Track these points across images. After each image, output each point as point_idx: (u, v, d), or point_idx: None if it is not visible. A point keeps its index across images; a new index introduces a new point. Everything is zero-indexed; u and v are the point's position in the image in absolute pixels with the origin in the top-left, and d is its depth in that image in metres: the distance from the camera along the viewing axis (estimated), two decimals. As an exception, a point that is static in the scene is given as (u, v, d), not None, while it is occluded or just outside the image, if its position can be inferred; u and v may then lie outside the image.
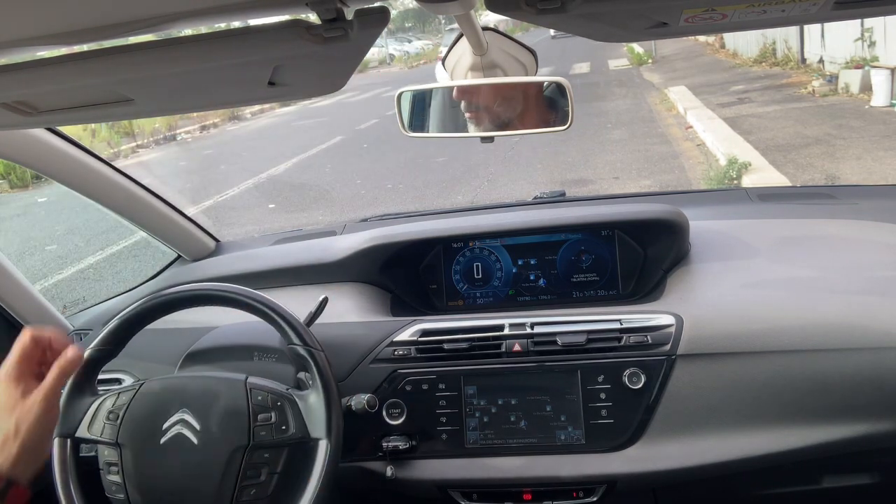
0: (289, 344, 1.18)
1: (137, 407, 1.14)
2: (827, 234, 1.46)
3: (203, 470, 1.10)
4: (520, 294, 1.51)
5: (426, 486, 1.33)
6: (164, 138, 13.59)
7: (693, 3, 0.56)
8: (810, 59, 11.40)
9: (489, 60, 1.03)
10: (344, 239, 1.58)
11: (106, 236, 6.42)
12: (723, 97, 10.12)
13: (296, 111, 16.22)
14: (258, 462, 1.11)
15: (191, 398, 1.15)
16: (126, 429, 1.13)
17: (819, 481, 1.33)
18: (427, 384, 1.34)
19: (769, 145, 7.08)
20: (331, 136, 10.98)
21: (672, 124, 9.03)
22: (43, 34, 0.58)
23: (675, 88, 11.22)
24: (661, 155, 7.46)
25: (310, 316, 1.31)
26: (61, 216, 7.63)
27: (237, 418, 1.12)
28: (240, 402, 1.13)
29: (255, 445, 1.11)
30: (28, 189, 9.44)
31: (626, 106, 10.84)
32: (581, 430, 1.29)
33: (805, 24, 0.60)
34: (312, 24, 0.58)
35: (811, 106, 8.78)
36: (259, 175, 8.78)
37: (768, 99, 9.71)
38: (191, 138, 14.11)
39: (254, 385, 1.15)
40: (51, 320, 1.63)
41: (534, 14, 0.55)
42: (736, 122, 8.19)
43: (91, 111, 0.77)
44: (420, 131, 1.19)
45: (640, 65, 15.78)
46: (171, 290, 1.23)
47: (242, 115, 16.23)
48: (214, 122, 15.32)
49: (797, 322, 1.24)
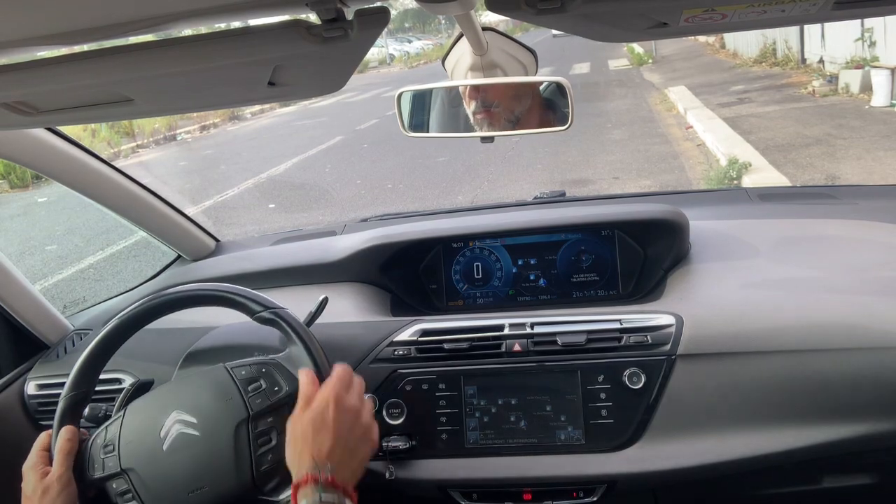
0: (253, 316, 1.20)
1: (129, 429, 1.14)
2: (827, 234, 1.46)
3: (214, 455, 1.10)
4: (520, 294, 1.51)
5: (426, 486, 1.33)
6: (164, 138, 13.59)
7: (693, 3, 0.56)
8: (810, 59, 11.40)
9: (489, 60, 1.03)
10: (344, 239, 1.58)
11: (106, 236, 6.42)
12: (723, 97, 10.14)
13: (296, 111, 16.22)
14: (265, 429, 1.12)
15: (178, 399, 1.15)
16: (126, 453, 1.12)
17: (819, 481, 1.33)
18: (427, 384, 1.34)
19: (769, 145, 7.10)
20: (331, 136, 10.99)
21: (672, 124, 9.07)
22: (43, 34, 0.58)
23: (675, 88, 11.26)
24: (661, 155, 7.48)
25: (310, 316, 1.31)
26: (61, 216, 7.63)
27: (229, 396, 1.13)
28: (226, 384, 1.15)
29: (256, 414, 1.12)
30: (28, 189, 9.45)
31: (627, 106, 10.86)
32: (581, 430, 1.29)
33: (805, 24, 0.60)
34: (312, 25, 0.58)
35: (811, 106, 8.80)
36: (259, 175, 8.78)
37: (768, 99, 9.73)
38: (191, 138, 14.12)
39: (234, 365, 1.17)
40: (51, 320, 1.63)
41: (533, 14, 0.55)
42: (736, 122, 8.20)
43: (91, 111, 0.77)
44: (420, 131, 1.19)
45: (641, 65, 15.78)
46: (121, 314, 1.23)
47: (242, 115, 16.25)
48: (214, 122, 15.32)
49: (797, 322, 1.24)
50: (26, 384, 1.55)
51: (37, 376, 1.55)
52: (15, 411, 1.53)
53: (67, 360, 1.55)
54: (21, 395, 1.54)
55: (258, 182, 8.45)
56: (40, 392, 1.53)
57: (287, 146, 10.82)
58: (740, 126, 7.98)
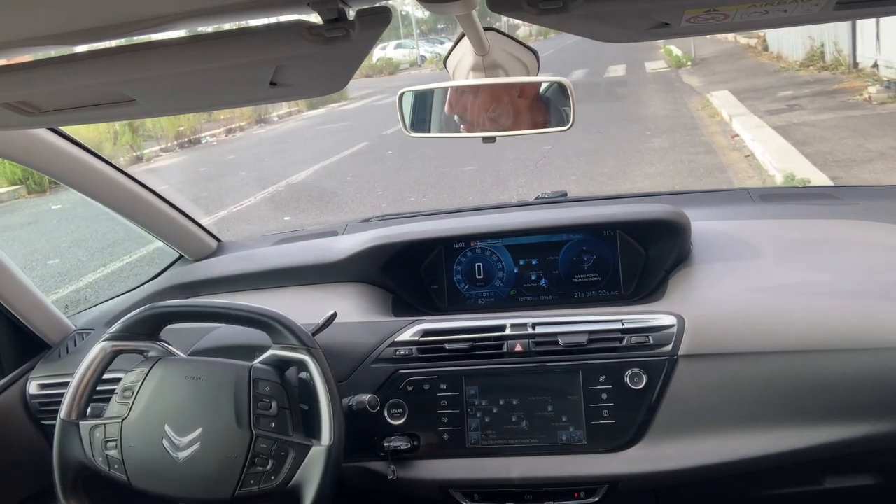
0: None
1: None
2: (828, 235, 1.46)
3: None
4: (521, 294, 1.50)
5: (428, 486, 1.33)
6: (188, 141, 13.25)
7: (695, 3, 0.56)
8: (863, 62, 10.40)
9: (491, 61, 1.03)
10: (345, 239, 1.58)
11: (111, 250, 6.18)
12: (770, 103, 9.23)
13: (323, 114, 15.81)
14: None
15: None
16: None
17: (821, 482, 1.33)
18: (428, 384, 1.34)
19: (828, 160, 6.21)
20: (355, 141, 10.57)
21: (716, 132, 8.29)
22: (45, 34, 0.58)
23: (718, 93, 10.42)
24: (706, 167, 6.77)
25: (316, 328, 1.31)
26: (70, 226, 7.37)
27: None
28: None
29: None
30: (45, 194, 9.18)
31: (666, 111, 10.05)
32: (582, 430, 1.29)
33: (807, 24, 0.60)
34: (314, 25, 0.58)
35: (869, 114, 7.76)
36: (278, 184, 8.43)
37: (820, 106, 8.67)
38: (216, 141, 13.62)
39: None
40: (53, 320, 1.64)
41: (535, 14, 0.55)
42: (788, 132, 7.37)
43: (93, 111, 0.78)
44: (421, 131, 1.19)
45: (679, 67, 14.96)
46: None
47: (269, 117, 15.82)
48: (241, 125, 14.90)
49: (799, 322, 1.23)
50: (28, 384, 1.55)
51: (39, 376, 1.55)
52: (17, 411, 1.53)
53: (69, 360, 1.55)
54: (23, 395, 1.55)
55: (276, 191, 8.11)
56: (42, 392, 1.53)
57: (310, 152, 10.47)
58: (793, 136, 7.17)
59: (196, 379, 1.18)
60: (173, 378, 1.20)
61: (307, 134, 13.14)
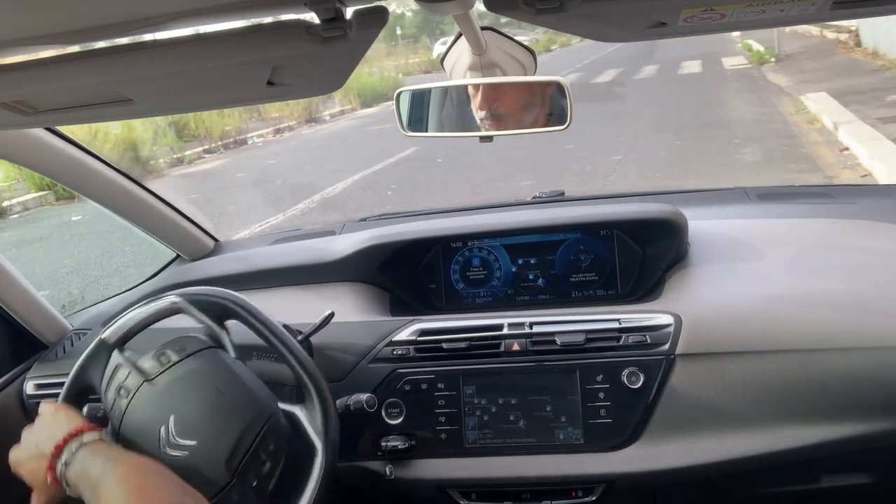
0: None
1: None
2: (826, 234, 1.46)
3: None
4: (519, 294, 1.51)
5: (425, 485, 1.33)
6: (234, 143, 12.30)
7: (692, 2, 0.57)
8: None
9: (488, 60, 1.03)
10: (343, 239, 1.58)
11: (107, 281, 5.53)
12: (880, 108, 7.60)
13: (375, 113, 14.66)
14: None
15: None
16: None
17: (818, 481, 1.33)
18: (426, 384, 1.34)
19: None
20: (403, 146, 9.25)
21: (818, 142, 6.94)
22: (42, 34, 0.58)
23: (814, 95, 8.93)
24: None
25: (313, 328, 1.31)
26: (81, 244, 6.78)
27: None
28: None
29: (269, 432, 1.13)
30: (74, 201, 8.41)
31: (754, 115, 8.71)
32: (580, 429, 1.29)
33: (804, 23, 0.60)
34: (311, 24, 0.58)
35: None
36: (311, 197, 7.42)
37: None
38: (262, 142, 12.65)
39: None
40: (50, 320, 1.63)
41: (533, 14, 0.56)
42: None
43: (90, 111, 0.77)
44: (419, 130, 1.19)
45: (761, 63, 13.54)
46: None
47: (321, 116, 14.76)
48: (290, 124, 13.78)
49: (796, 321, 1.24)
50: (25, 384, 1.54)
51: (35, 376, 1.55)
52: (13, 411, 1.53)
53: (66, 360, 1.54)
54: (20, 395, 1.54)
55: (308, 207, 7.11)
56: (39, 392, 1.53)
57: (354, 157, 9.46)
58: (921, 152, 5.71)
59: (221, 394, 1.12)
60: (207, 378, 1.13)
61: (355, 136, 12.05)
